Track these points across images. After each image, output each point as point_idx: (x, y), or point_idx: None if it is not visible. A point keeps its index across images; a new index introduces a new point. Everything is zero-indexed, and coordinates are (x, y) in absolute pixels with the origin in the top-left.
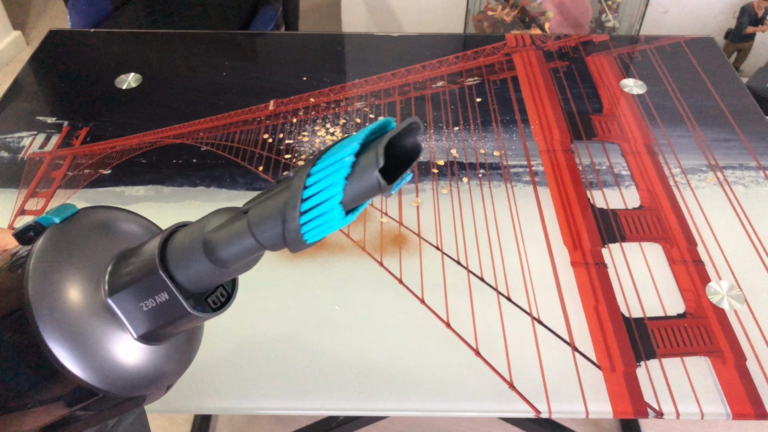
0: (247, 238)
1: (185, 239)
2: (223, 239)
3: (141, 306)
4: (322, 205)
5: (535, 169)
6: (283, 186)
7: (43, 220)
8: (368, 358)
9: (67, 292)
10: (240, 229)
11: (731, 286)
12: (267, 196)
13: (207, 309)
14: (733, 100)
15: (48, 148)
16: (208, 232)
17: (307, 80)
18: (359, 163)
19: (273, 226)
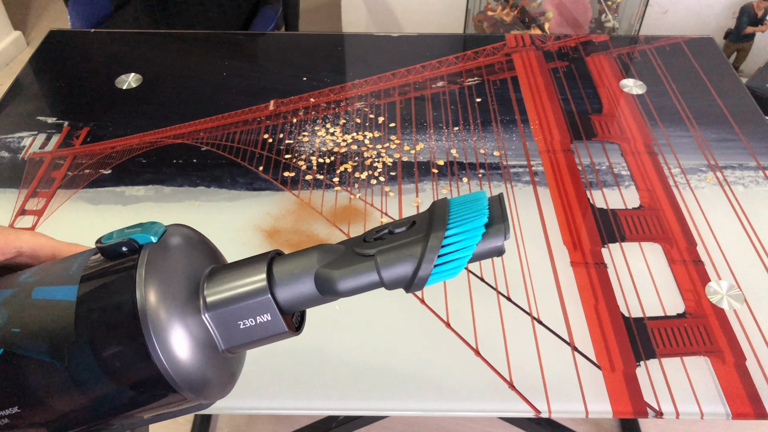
0: (373, 276)
1: (294, 269)
2: (345, 275)
3: (238, 324)
4: (453, 262)
5: (535, 169)
6: (413, 237)
7: (138, 238)
8: (368, 358)
9: (170, 307)
10: (367, 269)
11: (731, 286)
12: (396, 244)
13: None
14: (732, 101)
15: (48, 148)
16: (322, 266)
17: (307, 80)
18: (488, 233)
19: (403, 271)
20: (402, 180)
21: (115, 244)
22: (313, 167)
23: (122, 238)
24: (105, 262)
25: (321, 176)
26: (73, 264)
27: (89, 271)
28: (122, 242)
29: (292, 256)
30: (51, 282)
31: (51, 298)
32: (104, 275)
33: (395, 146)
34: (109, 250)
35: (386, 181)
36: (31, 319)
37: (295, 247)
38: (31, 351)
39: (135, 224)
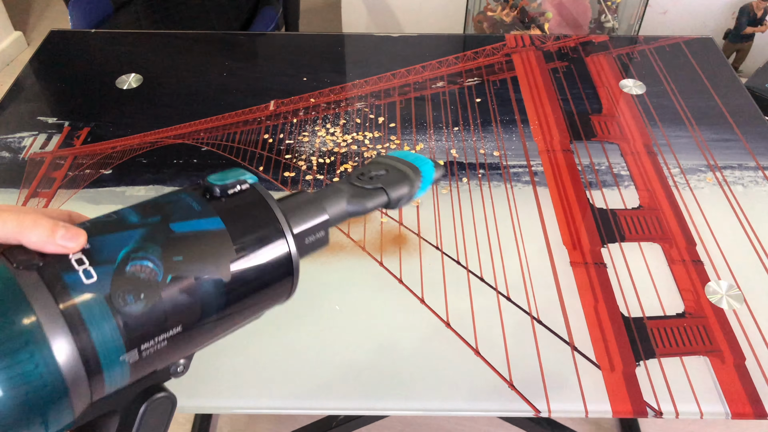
0: (383, 198)
1: (338, 204)
2: (368, 203)
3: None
4: (425, 183)
5: (535, 169)
6: (398, 174)
7: (247, 178)
8: (368, 358)
9: (294, 223)
10: (379, 195)
11: (730, 286)
12: (391, 177)
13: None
14: (732, 101)
15: (49, 148)
16: (350, 201)
17: (307, 80)
18: (437, 166)
19: (403, 191)
20: None
21: (229, 184)
22: (314, 167)
23: (235, 179)
24: (229, 197)
25: (321, 176)
26: (185, 201)
27: (222, 205)
28: (235, 183)
29: (327, 196)
30: (184, 217)
31: (199, 229)
32: (239, 206)
33: (395, 146)
34: (226, 187)
35: None
36: (189, 248)
37: None
38: (197, 273)
39: (221, 172)
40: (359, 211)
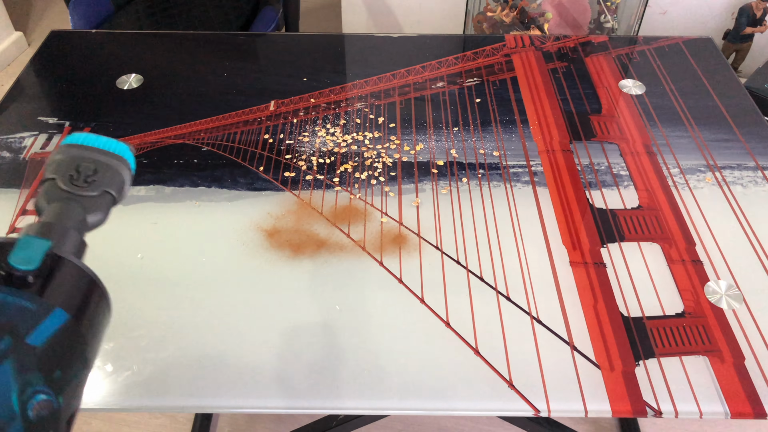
0: (111, 198)
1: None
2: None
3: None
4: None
5: (535, 169)
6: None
7: (44, 243)
8: (368, 358)
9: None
10: (107, 198)
11: (730, 286)
12: (109, 175)
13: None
14: (731, 101)
15: (50, 148)
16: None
17: (308, 81)
18: None
19: (125, 186)
20: (402, 180)
21: (41, 265)
22: (314, 167)
23: (41, 255)
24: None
25: (321, 176)
26: (13, 303)
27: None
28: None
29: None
30: (32, 325)
31: (52, 331)
32: (60, 283)
33: (395, 146)
34: (36, 272)
35: (386, 181)
36: (58, 357)
37: (295, 248)
38: (75, 374)
39: (18, 250)
40: (100, 222)
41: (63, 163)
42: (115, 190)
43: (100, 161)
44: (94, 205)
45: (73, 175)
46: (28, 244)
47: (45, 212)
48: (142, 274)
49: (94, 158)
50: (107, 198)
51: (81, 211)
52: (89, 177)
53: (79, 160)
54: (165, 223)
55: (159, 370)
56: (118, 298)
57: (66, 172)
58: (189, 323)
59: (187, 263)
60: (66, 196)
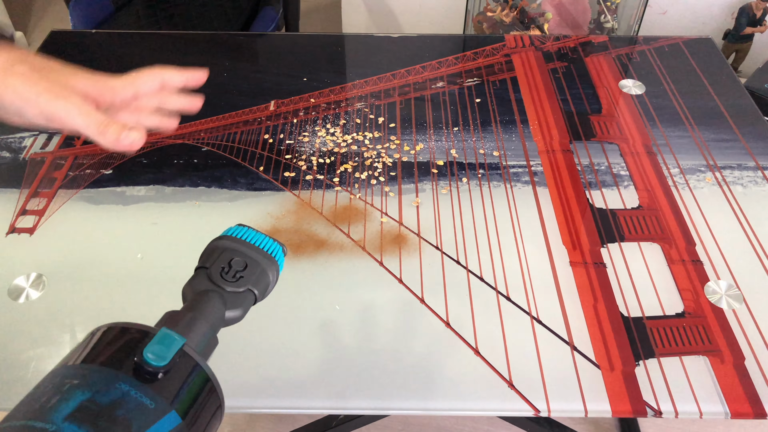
0: (253, 297)
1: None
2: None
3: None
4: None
5: (535, 169)
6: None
7: (178, 339)
8: (368, 358)
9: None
10: (249, 297)
11: (730, 286)
12: (256, 274)
13: None
14: (731, 101)
15: (49, 148)
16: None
17: (308, 81)
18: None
19: (268, 287)
20: (402, 180)
21: (171, 362)
22: (314, 167)
23: (174, 351)
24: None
25: (321, 176)
26: (133, 398)
27: (168, 388)
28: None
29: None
30: (145, 426)
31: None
32: (183, 386)
33: (395, 146)
34: (166, 368)
35: (386, 182)
36: None
37: (295, 247)
38: None
39: (156, 342)
40: (238, 318)
41: (218, 254)
42: (259, 291)
43: (252, 258)
44: (236, 302)
45: (224, 267)
46: (165, 339)
47: (188, 301)
48: (142, 274)
49: (247, 254)
50: (250, 296)
51: (222, 306)
52: (239, 272)
53: (233, 253)
54: (165, 223)
55: None
56: (119, 298)
57: (218, 264)
58: None
59: (187, 263)
60: (211, 288)
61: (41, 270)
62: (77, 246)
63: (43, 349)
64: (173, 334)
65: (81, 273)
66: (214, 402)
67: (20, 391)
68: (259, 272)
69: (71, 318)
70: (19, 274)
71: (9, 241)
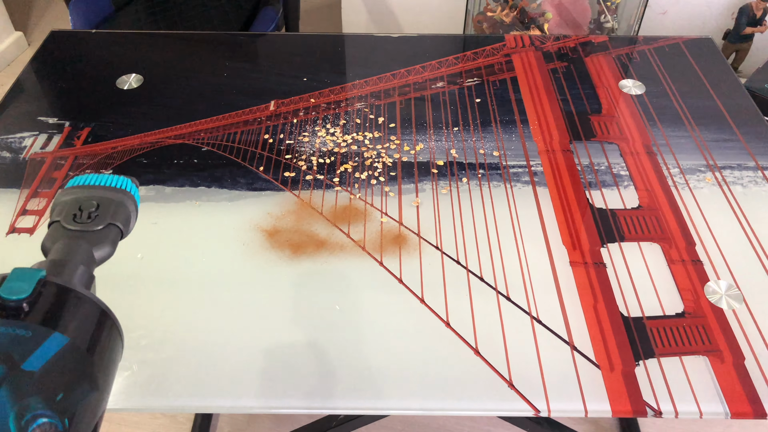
0: (118, 231)
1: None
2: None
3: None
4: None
5: (535, 169)
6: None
7: (38, 272)
8: (368, 358)
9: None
10: (114, 230)
11: (730, 286)
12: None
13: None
14: (731, 101)
15: (49, 148)
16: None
17: (308, 81)
18: None
19: (131, 217)
20: (402, 180)
21: (33, 292)
22: (314, 167)
23: (33, 283)
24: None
25: (321, 176)
26: (6, 333)
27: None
28: (36, 286)
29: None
30: (28, 352)
31: (51, 354)
32: (57, 307)
33: (395, 146)
34: (30, 299)
35: (386, 181)
36: (60, 379)
37: (295, 248)
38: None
39: (9, 280)
40: (108, 254)
41: (65, 204)
42: (121, 222)
43: (102, 197)
44: (100, 239)
45: (76, 214)
46: (19, 275)
47: (50, 252)
48: (142, 274)
49: (95, 195)
50: (113, 230)
51: (87, 246)
52: (92, 213)
53: (81, 200)
54: (165, 223)
55: (159, 370)
56: (119, 298)
57: (69, 212)
58: (189, 323)
59: (187, 263)
60: (70, 234)
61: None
62: None
63: None
64: (26, 269)
65: None
66: (102, 317)
67: None
68: (114, 206)
69: None
70: None
71: (9, 241)
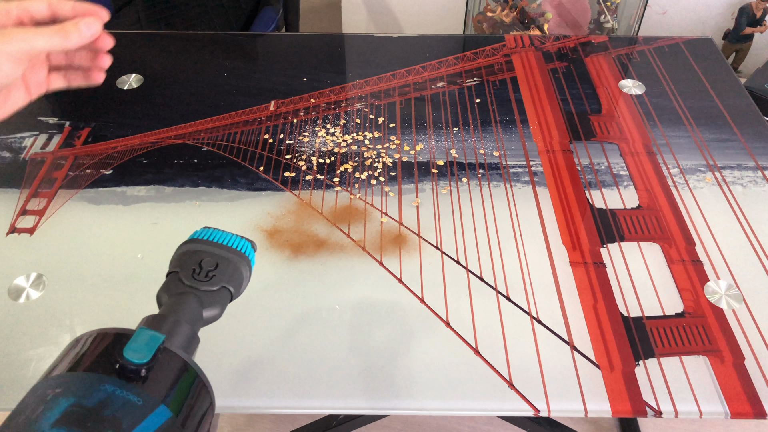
0: (228, 295)
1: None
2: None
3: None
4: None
5: (534, 169)
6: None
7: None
8: (368, 358)
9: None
10: (225, 294)
11: (729, 286)
12: (229, 271)
13: None
14: (731, 101)
15: (50, 148)
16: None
17: (308, 81)
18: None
19: (243, 283)
20: (402, 180)
21: (153, 358)
22: (314, 167)
23: (154, 348)
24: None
25: (321, 176)
26: (119, 396)
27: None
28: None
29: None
30: (135, 422)
31: (154, 429)
32: (169, 379)
33: (395, 146)
34: (148, 365)
35: (386, 182)
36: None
37: (295, 248)
38: None
39: (133, 340)
40: (216, 316)
41: (187, 257)
42: (234, 287)
43: (222, 256)
44: (212, 300)
45: (195, 269)
46: (142, 337)
47: (164, 305)
48: (142, 274)
49: (216, 253)
50: (225, 293)
51: (198, 305)
52: (210, 272)
53: (202, 254)
54: (165, 223)
55: None
56: (119, 298)
57: (189, 267)
58: None
59: None
60: (186, 290)
61: (41, 270)
62: (77, 246)
63: (43, 349)
64: (149, 331)
65: (81, 273)
66: (204, 396)
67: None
68: (231, 269)
69: (71, 318)
70: (19, 274)
71: (9, 241)
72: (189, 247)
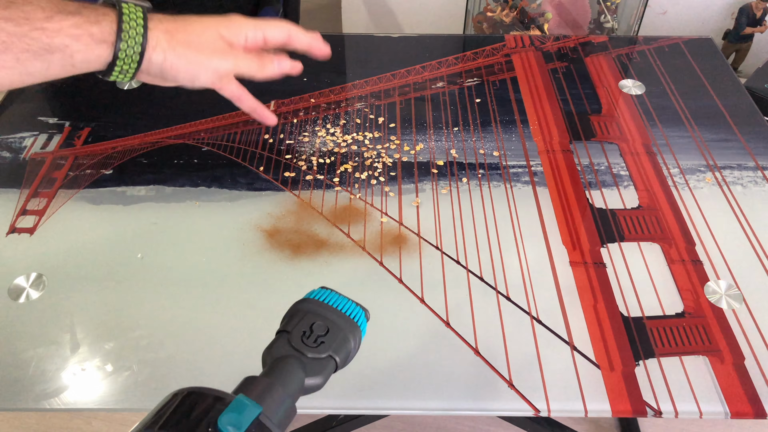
0: (333, 364)
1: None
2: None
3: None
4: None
5: (534, 169)
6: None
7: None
8: (368, 358)
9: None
10: (330, 364)
11: (729, 286)
12: (338, 340)
13: None
14: (731, 101)
15: (50, 148)
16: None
17: (308, 81)
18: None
19: (350, 354)
20: (402, 180)
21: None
22: (314, 167)
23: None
24: None
25: (321, 176)
26: None
27: None
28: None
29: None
30: None
31: None
32: None
33: (395, 146)
34: None
35: (386, 182)
36: None
37: (295, 247)
38: None
39: (232, 413)
40: (318, 386)
41: (300, 317)
42: (340, 358)
43: (334, 323)
44: (317, 369)
45: (305, 332)
46: (240, 407)
47: (267, 367)
48: (142, 274)
49: (330, 318)
50: (330, 363)
51: (302, 373)
52: (320, 337)
53: (315, 317)
54: (165, 223)
55: (159, 370)
56: (119, 298)
57: (300, 329)
58: (189, 323)
59: (187, 263)
60: (291, 353)
61: (41, 270)
62: (77, 246)
63: (43, 349)
64: (249, 401)
65: (81, 273)
66: None
67: (20, 391)
68: (341, 338)
69: (71, 318)
70: (19, 274)
71: (9, 241)
72: (303, 307)
